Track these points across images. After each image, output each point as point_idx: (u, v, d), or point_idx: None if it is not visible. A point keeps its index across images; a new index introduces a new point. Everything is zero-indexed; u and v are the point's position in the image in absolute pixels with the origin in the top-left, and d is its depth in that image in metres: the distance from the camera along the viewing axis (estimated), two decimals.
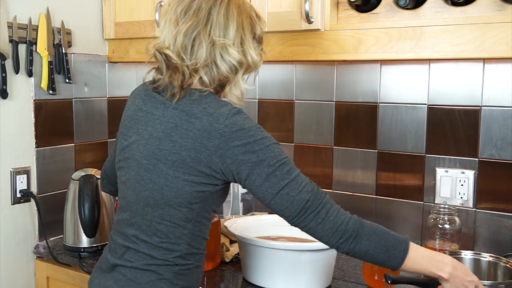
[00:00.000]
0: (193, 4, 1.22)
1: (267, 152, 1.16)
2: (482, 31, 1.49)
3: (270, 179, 1.15)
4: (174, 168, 1.18)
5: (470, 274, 1.25)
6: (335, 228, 1.17)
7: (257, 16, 1.31)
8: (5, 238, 1.90)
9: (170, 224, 1.21)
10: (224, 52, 1.21)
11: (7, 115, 1.88)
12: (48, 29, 1.94)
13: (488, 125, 1.73)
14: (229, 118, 1.16)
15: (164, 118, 1.21)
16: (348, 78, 1.98)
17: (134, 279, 1.23)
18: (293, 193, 1.16)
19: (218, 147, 1.15)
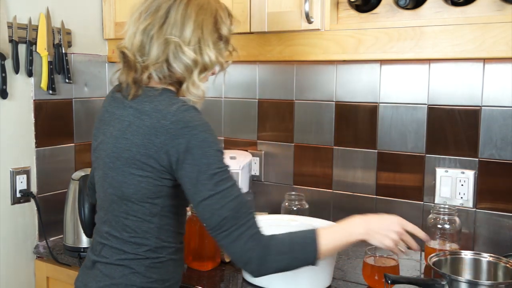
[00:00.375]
0: (154, 3, 1.26)
1: (203, 157, 1.17)
2: (482, 31, 1.49)
3: (198, 186, 1.17)
4: (128, 165, 1.22)
5: (386, 219, 1.29)
6: (241, 254, 1.18)
7: (228, 16, 1.33)
8: (5, 238, 1.90)
9: (136, 219, 1.24)
10: (178, 50, 1.23)
11: (7, 115, 1.88)
12: (48, 29, 1.94)
13: (488, 125, 1.73)
14: (176, 115, 1.18)
15: (122, 117, 1.26)
16: (348, 78, 1.98)
17: (109, 274, 1.27)
18: (215, 206, 1.16)
19: (164, 143, 1.17)
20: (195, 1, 1.26)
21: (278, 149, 2.16)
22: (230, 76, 2.24)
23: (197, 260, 1.69)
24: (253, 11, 1.82)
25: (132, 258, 1.26)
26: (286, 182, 2.15)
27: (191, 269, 1.70)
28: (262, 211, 2.16)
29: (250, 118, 2.21)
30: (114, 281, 1.27)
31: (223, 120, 2.29)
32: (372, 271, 1.53)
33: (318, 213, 2.01)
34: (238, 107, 2.25)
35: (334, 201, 2.05)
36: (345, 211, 2.02)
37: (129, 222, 1.25)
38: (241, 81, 2.23)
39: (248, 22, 1.83)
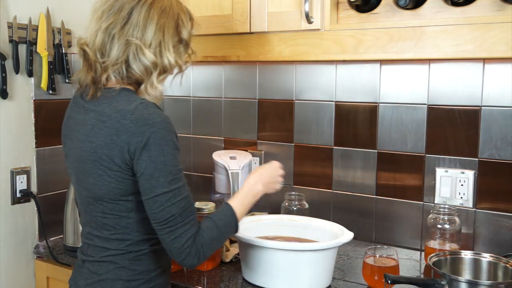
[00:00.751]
0: (117, 3, 1.28)
1: (161, 155, 1.19)
2: (482, 31, 1.49)
3: (152, 182, 1.20)
4: (96, 167, 1.25)
5: (271, 169, 1.48)
6: (181, 250, 1.22)
7: (190, 20, 1.36)
8: (5, 238, 1.90)
9: (113, 217, 1.28)
10: (138, 52, 1.25)
11: (7, 115, 1.88)
12: (48, 29, 1.94)
13: (488, 125, 1.73)
14: (135, 113, 1.21)
15: (84, 122, 1.29)
16: (348, 78, 1.98)
17: (96, 271, 1.31)
18: (166, 204, 1.20)
19: (125, 142, 1.20)
20: (158, 4, 1.28)
21: (278, 149, 2.16)
22: (230, 76, 2.27)
23: None
24: (253, 11, 1.82)
25: (115, 253, 1.30)
26: (286, 182, 2.14)
27: (191, 269, 1.70)
28: (262, 211, 2.16)
29: (250, 118, 2.21)
30: (101, 277, 1.30)
31: (223, 120, 2.29)
32: (372, 271, 1.54)
33: (318, 213, 2.02)
34: (238, 107, 2.25)
35: (334, 201, 2.05)
36: (345, 211, 2.02)
37: (108, 220, 1.29)
38: (241, 81, 2.23)
39: (248, 22, 1.83)
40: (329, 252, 1.53)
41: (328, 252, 1.53)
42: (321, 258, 1.52)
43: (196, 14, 1.94)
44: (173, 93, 2.44)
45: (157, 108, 1.26)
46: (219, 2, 1.91)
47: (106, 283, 1.30)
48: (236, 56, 1.94)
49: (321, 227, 1.70)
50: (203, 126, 2.36)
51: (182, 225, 1.22)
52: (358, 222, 1.99)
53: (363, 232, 1.98)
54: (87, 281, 1.32)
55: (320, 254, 1.52)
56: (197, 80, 2.37)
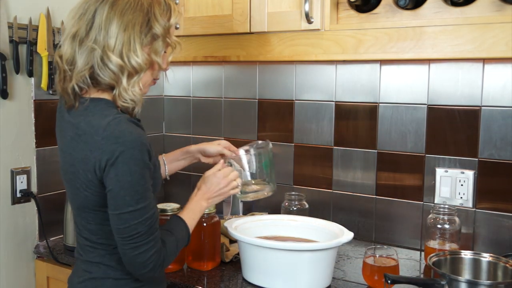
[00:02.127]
0: (83, 6, 1.22)
1: (128, 175, 1.17)
2: (481, 31, 1.49)
3: (118, 200, 1.18)
4: (74, 179, 1.25)
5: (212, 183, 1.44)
6: (143, 264, 1.22)
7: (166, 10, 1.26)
8: (5, 238, 1.90)
9: (96, 224, 1.29)
10: (103, 58, 1.19)
11: (7, 115, 1.88)
12: (48, 29, 1.94)
13: (488, 125, 1.73)
14: (106, 130, 1.17)
15: (64, 132, 1.28)
16: (348, 78, 1.98)
17: (87, 269, 1.33)
18: (132, 222, 1.19)
19: (97, 158, 1.18)
20: (121, 1, 1.20)
21: (278, 149, 2.16)
22: (230, 76, 2.27)
23: (197, 260, 1.69)
24: (253, 11, 1.82)
25: (103, 254, 1.31)
26: (286, 182, 2.15)
27: (191, 269, 1.70)
28: (262, 211, 2.16)
29: (250, 118, 2.22)
30: (92, 275, 1.32)
31: (223, 120, 2.29)
32: (372, 271, 1.54)
33: (318, 213, 2.02)
34: (238, 107, 2.25)
35: (334, 201, 2.05)
36: (345, 211, 2.02)
37: (92, 226, 1.30)
38: (241, 81, 2.23)
39: (248, 22, 1.83)
40: (329, 252, 1.53)
41: (328, 252, 1.53)
42: (321, 258, 1.52)
43: (196, 14, 1.97)
44: (173, 93, 2.44)
45: (130, 124, 1.20)
46: (219, 2, 1.91)
47: (97, 281, 1.32)
48: (236, 56, 1.94)
49: (321, 227, 1.70)
50: (203, 126, 2.36)
51: (146, 242, 1.20)
52: (358, 222, 1.99)
53: (363, 232, 1.98)
54: (79, 279, 1.35)
55: (320, 254, 1.52)
56: (197, 80, 2.37)
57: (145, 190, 1.20)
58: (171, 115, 2.46)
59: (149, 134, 1.95)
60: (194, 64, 2.36)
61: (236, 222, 1.71)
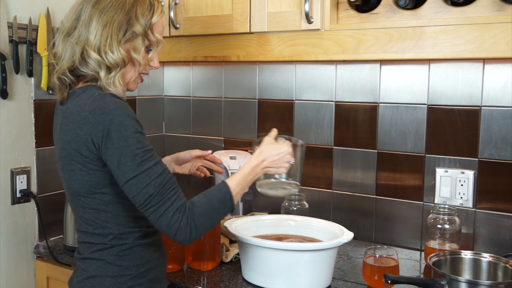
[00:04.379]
0: (74, 5, 1.30)
1: (122, 140, 1.20)
2: (482, 31, 1.49)
3: (121, 167, 1.20)
4: (68, 163, 1.28)
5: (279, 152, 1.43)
6: (169, 226, 1.23)
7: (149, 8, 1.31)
8: (5, 238, 1.90)
9: (92, 211, 1.30)
10: (84, 53, 1.26)
11: (7, 115, 1.88)
12: (48, 29, 1.94)
13: (488, 125, 1.73)
14: (92, 104, 1.22)
15: (57, 123, 1.35)
16: (348, 78, 1.98)
17: (85, 268, 1.34)
18: (140, 185, 1.21)
19: (87, 133, 1.21)
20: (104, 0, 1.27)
21: None
22: (230, 76, 2.27)
23: (197, 260, 1.69)
24: (253, 11, 1.82)
25: (100, 248, 1.31)
26: None
27: (191, 269, 1.70)
28: (262, 211, 2.16)
29: (250, 118, 2.22)
30: (90, 274, 1.33)
31: (223, 120, 2.29)
32: (372, 271, 1.54)
33: (318, 213, 2.02)
34: (238, 107, 2.25)
35: (334, 201, 2.05)
36: (345, 211, 2.02)
37: (88, 215, 1.31)
38: (241, 81, 2.23)
39: (248, 22, 1.83)
40: (329, 252, 1.53)
41: (328, 252, 1.53)
42: (321, 258, 1.52)
43: (196, 14, 1.97)
44: (173, 93, 2.44)
45: (114, 97, 1.25)
46: (219, 2, 1.91)
47: (95, 280, 1.32)
48: (236, 56, 1.94)
49: (321, 227, 1.70)
50: (203, 126, 2.36)
51: (163, 202, 1.22)
52: (358, 222, 1.99)
53: (363, 232, 1.98)
54: (78, 279, 1.35)
55: (320, 254, 1.52)
56: (197, 80, 2.37)
57: (145, 153, 1.21)
58: (171, 115, 2.46)
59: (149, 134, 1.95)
60: (194, 64, 2.36)
61: (236, 222, 1.71)
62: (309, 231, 1.72)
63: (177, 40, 2.06)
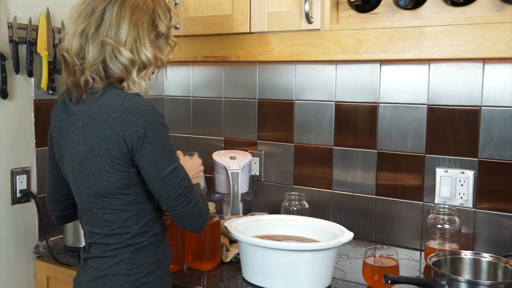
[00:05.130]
0: (90, 5, 1.30)
1: (159, 139, 1.26)
2: (481, 31, 1.49)
3: (158, 164, 1.26)
4: (95, 164, 1.28)
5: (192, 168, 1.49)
6: (200, 212, 1.33)
7: (167, 11, 1.37)
8: (5, 238, 1.90)
9: (114, 212, 1.31)
10: (115, 51, 1.27)
11: (7, 115, 1.88)
12: (48, 29, 1.94)
13: (488, 125, 1.73)
14: (124, 104, 1.25)
15: (75, 123, 1.32)
16: (348, 78, 1.98)
17: (97, 267, 1.34)
18: (176, 180, 1.28)
19: (120, 134, 1.24)
20: (129, 1, 1.30)
21: (278, 149, 2.16)
22: (230, 76, 2.27)
23: (197, 260, 1.69)
24: (253, 11, 1.82)
25: (115, 247, 1.32)
26: (286, 182, 2.15)
27: (191, 269, 1.70)
28: (262, 211, 2.16)
29: (250, 118, 2.22)
30: (102, 273, 1.33)
31: (223, 120, 2.29)
32: (372, 271, 1.54)
33: (318, 213, 2.02)
34: (238, 107, 2.25)
35: (334, 201, 2.05)
36: (345, 211, 2.02)
37: (108, 216, 1.31)
38: (241, 81, 2.23)
39: (248, 22, 1.83)
40: (329, 252, 1.53)
41: (328, 252, 1.53)
42: (321, 258, 1.52)
43: (196, 14, 1.97)
44: (173, 93, 2.44)
45: (142, 97, 1.29)
46: (219, 2, 1.91)
47: (107, 279, 1.32)
48: (236, 56, 1.94)
49: (321, 227, 1.70)
50: (203, 126, 2.36)
51: (193, 193, 1.32)
52: (358, 222, 1.99)
53: (363, 232, 1.98)
54: (89, 278, 1.35)
55: (320, 254, 1.52)
56: (197, 80, 2.37)
57: (174, 150, 1.30)
58: (171, 115, 2.46)
59: None
60: (194, 64, 2.36)
61: (236, 222, 1.71)
62: (309, 231, 1.72)
63: (177, 40, 2.05)
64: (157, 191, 1.29)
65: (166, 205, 1.31)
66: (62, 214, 1.53)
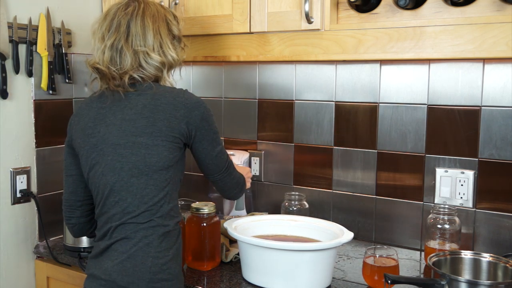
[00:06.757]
0: (114, 21, 1.47)
1: (212, 122, 1.49)
2: (482, 31, 1.49)
3: (213, 144, 1.50)
4: (152, 137, 1.41)
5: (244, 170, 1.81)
6: (238, 181, 1.63)
7: (174, 17, 1.56)
8: (5, 238, 1.90)
9: (154, 188, 1.41)
10: (147, 57, 1.47)
11: (7, 115, 1.88)
12: (48, 29, 1.94)
13: (488, 125, 1.73)
14: (185, 94, 1.47)
15: (131, 104, 1.44)
16: (348, 78, 1.98)
17: (124, 250, 1.39)
18: (224, 156, 1.55)
19: (184, 115, 1.43)
20: (148, 12, 1.48)
21: (278, 149, 2.16)
22: (230, 76, 2.27)
23: (197, 260, 1.69)
24: (253, 11, 1.82)
25: (146, 227, 1.39)
26: (286, 182, 2.15)
27: (191, 269, 1.70)
28: (262, 211, 2.16)
29: (250, 118, 2.22)
30: (130, 254, 1.38)
31: (223, 120, 2.29)
32: (372, 271, 1.54)
33: (318, 213, 2.02)
34: (238, 107, 2.25)
35: (334, 201, 2.05)
36: (345, 211, 2.02)
37: (148, 191, 1.41)
38: (241, 81, 2.23)
39: (248, 22, 1.83)
40: (329, 252, 1.53)
41: (328, 252, 1.53)
42: (321, 258, 1.53)
43: (196, 14, 1.97)
44: None
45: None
46: (219, 2, 1.91)
47: (136, 260, 1.37)
48: (236, 56, 1.94)
49: (321, 227, 1.70)
50: None
51: (233, 168, 1.60)
52: (358, 222, 1.99)
53: (363, 232, 1.98)
54: (115, 261, 1.39)
55: (320, 254, 1.52)
56: (197, 80, 2.37)
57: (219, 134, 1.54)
58: None
59: None
60: (194, 64, 2.36)
61: (236, 222, 1.71)
62: (309, 231, 1.72)
63: None
64: (210, 166, 1.52)
65: (213, 179, 1.56)
66: (79, 221, 1.58)
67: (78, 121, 1.51)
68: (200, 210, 1.69)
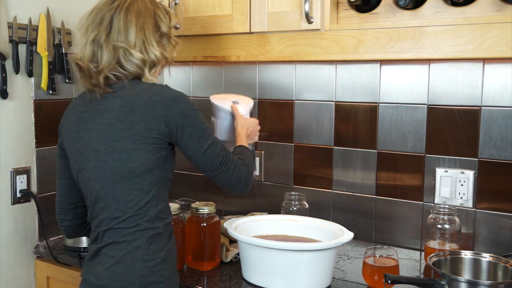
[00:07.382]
0: (98, 15, 1.42)
1: (196, 117, 1.41)
2: (482, 31, 1.49)
3: (200, 140, 1.41)
4: (131, 142, 1.36)
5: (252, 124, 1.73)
6: (239, 177, 1.49)
7: (166, 13, 1.49)
8: (5, 238, 1.90)
9: (138, 193, 1.37)
10: (126, 54, 1.40)
11: (7, 115, 1.88)
12: (48, 29, 1.94)
13: (488, 125, 1.73)
14: (163, 91, 1.39)
15: (109, 107, 1.40)
16: (348, 78, 1.98)
17: (113, 254, 1.37)
18: (215, 151, 1.44)
19: (161, 115, 1.36)
20: (133, 7, 1.42)
21: (278, 149, 2.16)
22: (230, 76, 2.26)
23: (197, 260, 1.69)
24: (253, 11, 1.82)
25: (134, 231, 1.36)
26: (286, 182, 2.15)
27: (191, 269, 1.70)
28: (262, 211, 2.16)
29: None
30: (119, 259, 1.36)
31: None
32: (372, 271, 1.54)
33: (318, 213, 2.02)
34: None
35: (334, 201, 2.05)
36: (345, 211, 2.02)
37: (132, 197, 1.37)
38: (241, 81, 2.23)
39: (248, 22, 1.83)
40: (329, 252, 1.53)
41: (328, 252, 1.53)
42: (321, 258, 1.53)
43: (196, 14, 1.97)
44: None
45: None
46: (219, 2, 1.91)
47: (125, 265, 1.35)
48: (236, 56, 1.94)
49: (321, 227, 1.70)
50: None
51: (231, 161, 1.47)
52: (358, 222, 1.99)
53: (363, 232, 1.98)
54: (105, 266, 1.37)
55: (320, 254, 1.52)
56: (197, 80, 2.37)
57: (208, 127, 1.45)
58: None
59: None
60: (194, 64, 2.36)
61: (236, 222, 1.71)
62: (309, 231, 1.72)
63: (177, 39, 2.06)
64: (200, 164, 1.43)
65: (208, 176, 1.46)
66: (72, 223, 1.56)
67: (64, 124, 1.50)
68: (200, 210, 1.69)
